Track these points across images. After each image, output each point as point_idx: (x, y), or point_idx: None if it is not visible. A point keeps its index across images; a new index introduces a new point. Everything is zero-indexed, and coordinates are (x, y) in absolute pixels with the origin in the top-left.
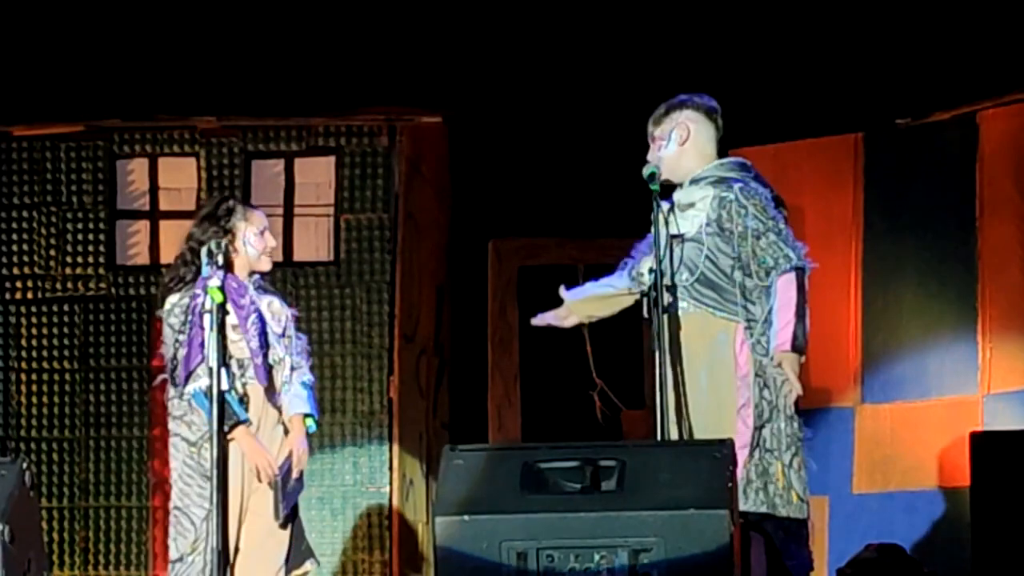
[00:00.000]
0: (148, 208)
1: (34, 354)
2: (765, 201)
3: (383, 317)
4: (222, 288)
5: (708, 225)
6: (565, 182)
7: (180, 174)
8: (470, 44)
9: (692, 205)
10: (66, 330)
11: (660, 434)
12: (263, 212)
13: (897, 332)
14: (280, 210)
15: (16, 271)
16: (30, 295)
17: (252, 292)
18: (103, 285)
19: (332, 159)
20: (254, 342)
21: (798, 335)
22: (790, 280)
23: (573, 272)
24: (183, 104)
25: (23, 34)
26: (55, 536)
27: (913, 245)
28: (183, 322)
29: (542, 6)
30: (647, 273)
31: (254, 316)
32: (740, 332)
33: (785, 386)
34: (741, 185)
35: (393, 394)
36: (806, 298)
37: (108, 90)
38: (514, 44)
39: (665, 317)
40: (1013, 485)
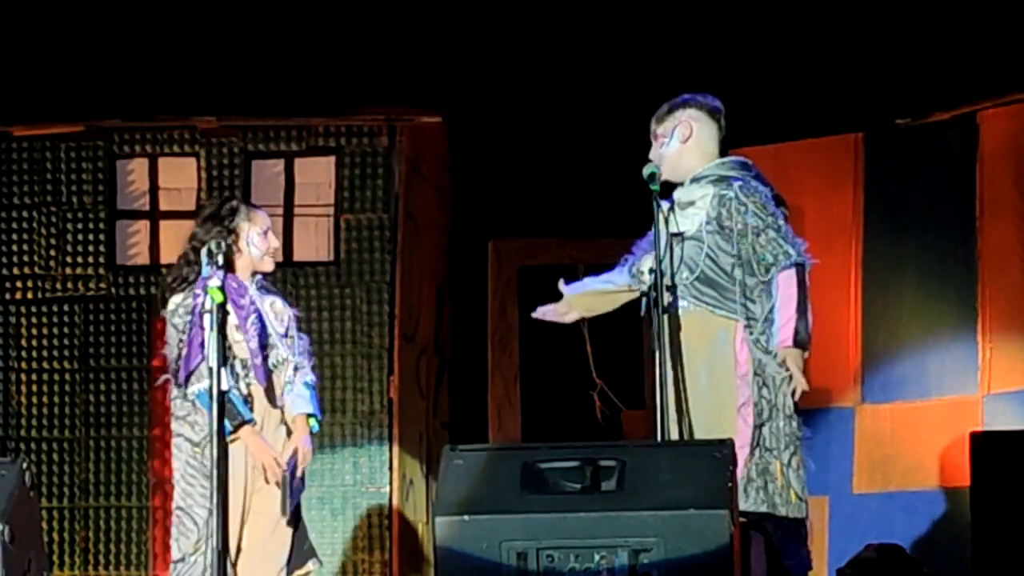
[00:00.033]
0: (148, 208)
1: (34, 354)
2: (765, 199)
3: (383, 317)
4: (222, 288)
5: (708, 223)
6: (565, 182)
7: (180, 174)
8: (470, 44)
9: (692, 203)
10: (66, 330)
11: (660, 434)
12: (266, 212)
13: (897, 332)
14: (280, 210)
15: (16, 271)
16: (30, 295)
17: (253, 292)
18: (103, 285)
19: (332, 159)
20: (253, 342)
21: (800, 330)
22: (790, 276)
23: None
24: (183, 104)
25: (23, 34)
26: (55, 536)
27: (913, 245)
28: (187, 322)
29: (542, 6)
30: (647, 272)
31: (253, 316)
32: (740, 330)
33: (784, 384)
34: (741, 183)
35: (393, 394)
36: (807, 294)
37: (108, 90)
38: (514, 44)
39: (665, 317)
40: (1013, 485)
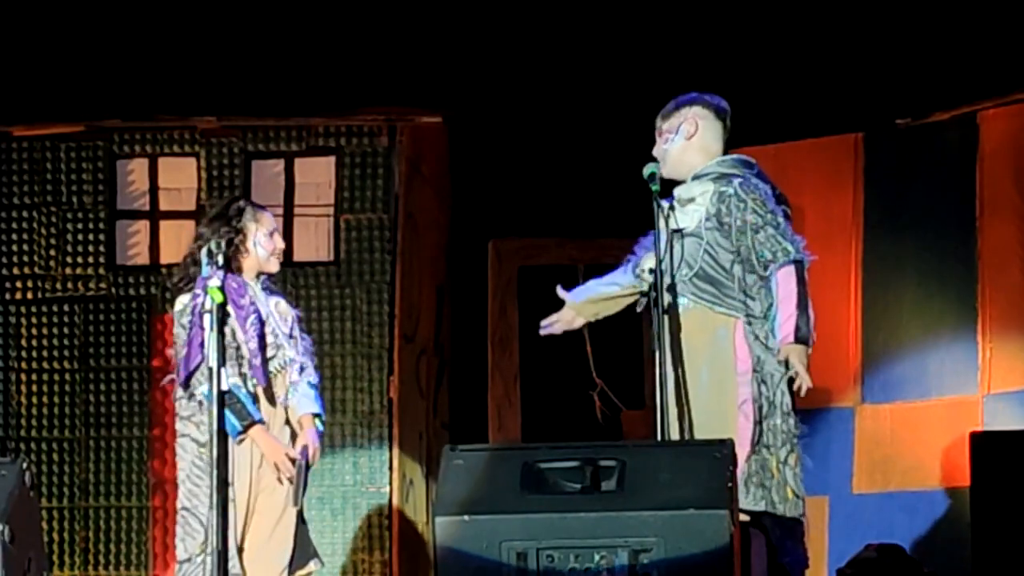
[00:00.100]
0: (148, 208)
1: (34, 354)
2: (764, 196)
3: (383, 317)
4: (222, 288)
5: (708, 220)
6: (565, 182)
7: (180, 174)
8: (470, 44)
9: (692, 200)
10: (66, 330)
11: (660, 434)
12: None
13: (897, 332)
14: (280, 210)
15: (16, 271)
16: (30, 295)
17: (254, 293)
18: (103, 285)
19: (332, 159)
20: (253, 343)
21: (801, 327)
22: (789, 273)
23: (573, 272)
24: (183, 104)
25: (23, 34)
26: (55, 536)
27: (913, 245)
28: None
29: (542, 6)
30: (648, 271)
31: (253, 317)
32: (740, 327)
33: (783, 382)
34: (741, 180)
35: (393, 394)
36: (807, 290)
37: (108, 90)
38: (514, 44)
39: (666, 318)
40: (1013, 485)
